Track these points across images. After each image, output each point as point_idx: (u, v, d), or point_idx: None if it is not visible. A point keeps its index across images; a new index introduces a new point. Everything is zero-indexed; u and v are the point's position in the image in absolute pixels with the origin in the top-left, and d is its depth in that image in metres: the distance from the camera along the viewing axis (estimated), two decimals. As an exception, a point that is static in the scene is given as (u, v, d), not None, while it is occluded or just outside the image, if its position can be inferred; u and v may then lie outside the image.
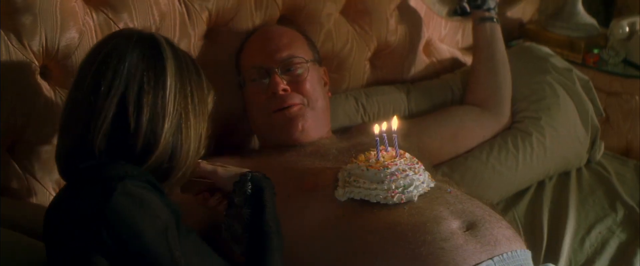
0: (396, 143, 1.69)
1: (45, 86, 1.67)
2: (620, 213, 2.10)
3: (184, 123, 1.43)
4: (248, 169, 1.53)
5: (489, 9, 2.20)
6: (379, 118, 2.15)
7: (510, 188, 2.15)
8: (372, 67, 2.21)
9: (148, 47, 1.42)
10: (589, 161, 2.30)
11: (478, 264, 1.53)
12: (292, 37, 1.91)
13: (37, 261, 1.42)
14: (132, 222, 1.31)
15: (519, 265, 1.59)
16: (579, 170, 2.27)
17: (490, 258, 1.55)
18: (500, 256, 1.57)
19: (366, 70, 2.19)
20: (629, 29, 2.42)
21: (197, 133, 1.45)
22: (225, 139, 1.96)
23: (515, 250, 1.60)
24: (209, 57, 1.87)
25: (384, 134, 1.69)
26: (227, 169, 1.56)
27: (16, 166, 1.67)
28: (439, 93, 2.23)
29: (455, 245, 1.55)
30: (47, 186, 1.69)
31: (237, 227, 1.50)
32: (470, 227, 1.61)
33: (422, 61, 2.30)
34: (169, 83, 1.41)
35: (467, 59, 2.39)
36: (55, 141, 1.66)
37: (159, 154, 1.40)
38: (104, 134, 1.36)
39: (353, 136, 1.97)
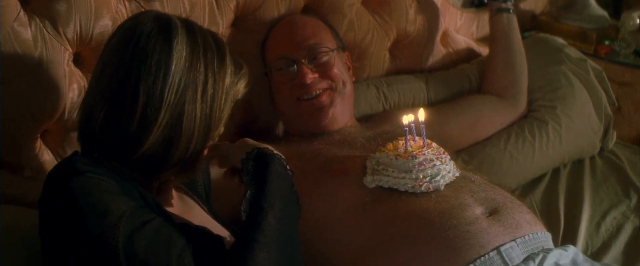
0: (423, 133, 1.74)
1: (77, 73, 1.70)
2: (634, 199, 2.16)
3: (186, 112, 1.38)
4: (256, 146, 1.48)
5: (505, 0, 2.24)
6: (399, 106, 2.20)
7: (526, 175, 2.20)
8: (391, 57, 2.25)
9: (158, 30, 1.37)
10: (601, 150, 2.35)
11: (502, 245, 1.59)
12: (316, 26, 1.95)
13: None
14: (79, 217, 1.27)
15: (541, 246, 1.65)
16: (592, 158, 2.33)
17: (513, 240, 1.61)
18: (523, 238, 1.63)
19: (386, 59, 2.23)
20: (639, 21, 2.48)
21: (204, 121, 1.40)
22: (249, 127, 2.00)
23: (536, 232, 1.67)
24: (236, 46, 1.90)
25: (412, 124, 1.73)
26: (233, 145, 1.52)
27: (49, 152, 1.71)
28: (456, 82, 2.28)
29: (479, 229, 1.61)
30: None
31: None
32: (493, 212, 1.67)
33: (439, 51, 2.34)
34: (172, 70, 1.36)
35: (482, 50, 2.44)
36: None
37: (152, 142, 1.36)
38: (103, 117, 1.35)
39: (377, 124, 2.02)
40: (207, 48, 1.42)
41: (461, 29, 2.45)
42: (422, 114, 1.75)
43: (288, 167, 1.45)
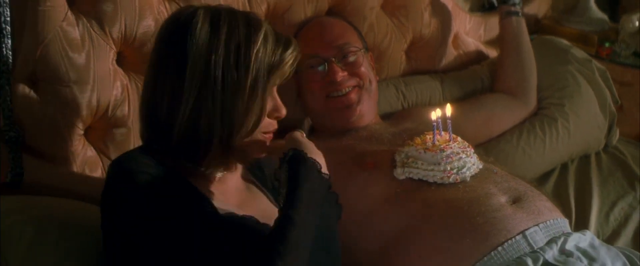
0: (450, 128, 1.84)
1: (120, 72, 1.78)
2: (639, 191, 2.27)
3: (204, 103, 1.39)
4: (296, 145, 1.48)
5: (514, 4, 2.35)
6: (417, 105, 2.30)
7: (537, 169, 2.30)
8: (407, 58, 2.34)
9: (180, 23, 1.41)
10: (606, 146, 2.46)
11: (526, 230, 1.71)
12: (344, 27, 2.05)
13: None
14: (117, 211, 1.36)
15: (561, 231, 1.76)
16: (597, 154, 2.44)
17: (536, 225, 1.73)
18: (545, 223, 1.74)
19: (402, 61, 2.33)
20: (639, 23, 2.59)
21: (222, 104, 1.40)
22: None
23: (556, 218, 1.78)
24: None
25: (439, 120, 1.83)
26: (280, 141, 1.53)
27: (92, 148, 1.78)
28: (469, 82, 2.38)
29: (505, 215, 1.72)
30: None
31: None
32: (516, 201, 1.78)
33: (451, 53, 2.44)
34: (189, 63, 1.38)
35: (490, 52, 2.54)
36: (128, 122, 1.78)
37: (178, 133, 1.40)
38: (143, 114, 1.44)
39: (398, 121, 2.11)
40: (231, 32, 1.42)
41: (470, 32, 2.55)
42: (449, 110, 1.87)
43: (323, 171, 1.46)
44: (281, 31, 2.02)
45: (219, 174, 1.52)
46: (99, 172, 1.78)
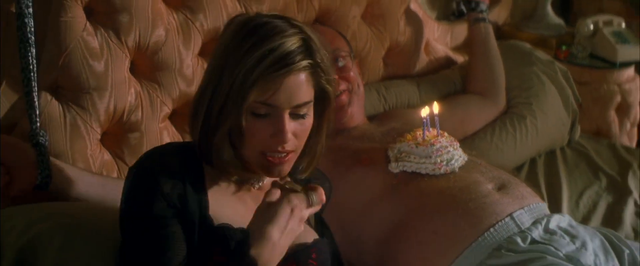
0: (437, 124, 2.01)
1: (133, 79, 1.89)
2: (604, 181, 2.46)
3: (201, 92, 1.45)
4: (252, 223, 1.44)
5: (482, 11, 2.54)
6: (397, 107, 2.46)
7: (510, 163, 2.47)
8: (385, 65, 2.50)
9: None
10: (569, 141, 2.65)
11: (513, 212, 1.89)
12: (334, 34, 2.20)
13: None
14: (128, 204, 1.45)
15: (543, 213, 1.94)
16: (562, 149, 2.63)
17: (522, 208, 1.91)
18: (529, 206, 1.93)
19: (381, 67, 2.49)
20: (593, 27, 2.80)
21: (218, 105, 1.42)
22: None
23: (538, 202, 1.97)
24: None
25: (428, 117, 2.00)
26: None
27: (108, 152, 1.89)
28: (443, 85, 2.55)
29: (493, 200, 1.90)
30: (135, 170, 1.90)
31: None
32: (501, 187, 1.96)
33: (423, 59, 2.60)
34: (214, 56, 1.45)
35: (457, 57, 2.72)
36: (142, 127, 1.89)
37: (195, 128, 1.46)
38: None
39: (384, 122, 2.26)
40: (245, 38, 1.43)
41: (438, 39, 2.73)
42: (436, 107, 2.03)
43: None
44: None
45: (257, 186, 1.55)
46: (115, 175, 1.88)
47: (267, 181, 1.57)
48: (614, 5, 3.09)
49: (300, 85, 1.44)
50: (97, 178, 1.79)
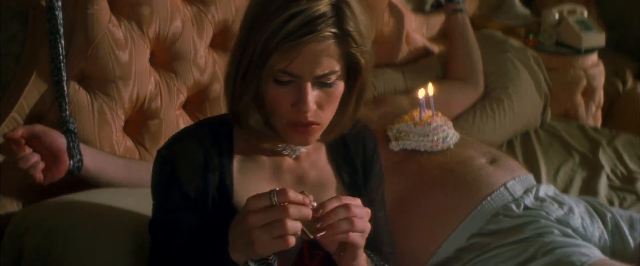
0: (432, 105, 2.17)
1: (151, 69, 1.99)
2: (577, 158, 2.65)
3: (231, 60, 1.42)
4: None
5: (458, 2, 2.71)
6: (385, 93, 2.61)
7: (490, 143, 2.65)
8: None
9: None
10: (542, 123, 2.84)
11: (506, 183, 2.06)
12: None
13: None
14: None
15: (531, 184, 2.12)
16: (535, 130, 2.82)
17: (513, 179, 2.09)
18: (519, 177, 2.11)
19: (369, 56, 2.64)
20: (559, 16, 3.00)
21: (235, 71, 1.39)
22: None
23: (526, 174, 2.15)
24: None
25: (424, 99, 2.16)
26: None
27: (130, 139, 1.99)
28: (425, 73, 2.71)
29: (488, 173, 2.08)
30: (153, 153, 2.00)
31: None
32: (493, 161, 2.13)
33: (404, 49, 2.76)
34: (242, 23, 1.42)
35: (433, 47, 2.88)
36: (161, 114, 2.00)
37: (227, 93, 1.44)
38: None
39: (377, 106, 2.41)
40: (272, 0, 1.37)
41: (415, 30, 2.89)
42: (431, 89, 2.19)
43: None
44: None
45: (289, 152, 1.52)
46: (136, 160, 1.99)
47: (305, 150, 1.55)
48: (575, -5, 3.30)
49: (323, 54, 1.36)
50: (123, 161, 1.89)
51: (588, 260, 1.92)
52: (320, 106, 1.43)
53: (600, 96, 3.03)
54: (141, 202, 1.69)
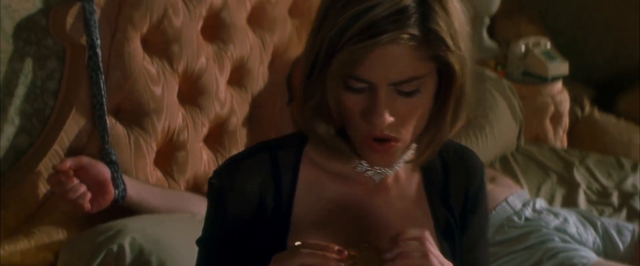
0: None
1: (178, 104, 2.12)
2: (554, 177, 2.86)
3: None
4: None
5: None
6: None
7: (475, 168, 2.85)
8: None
9: None
10: (517, 147, 3.06)
11: (506, 198, 2.28)
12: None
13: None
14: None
15: (527, 198, 2.32)
16: (512, 154, 3.02)
17: (512, 194, 2.31)
18: (516, 193, 2.33)
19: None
20: (525, 48, 3.24)
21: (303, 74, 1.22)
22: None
23: (521, 190, 2.37)
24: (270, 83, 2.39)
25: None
26: None
27: (160, 171, 2.11)
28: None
29: (490, 189, 2.28)
30: (180, 184, 2.13)
31: None
32: (492, 180, 2.33)
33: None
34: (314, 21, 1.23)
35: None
36: (187, 146, 2.13)
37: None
38: None
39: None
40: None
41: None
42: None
43: None
44: (280, 70, 2.46)
45: (372, 174, 1.29)
46: (164, 191, 2.10)
47: (393, 173, 1.29)
48: (531, 28, 3.56)
49: (398, 58, 1.17)
50: (159, 190, 2.01)
51: (588, 262, 2.12)
52: (399, 118, 1.21)
53: (566, 120, 3.26)
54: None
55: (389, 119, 1.20)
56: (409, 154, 1.29)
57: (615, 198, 2.78)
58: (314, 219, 1.29)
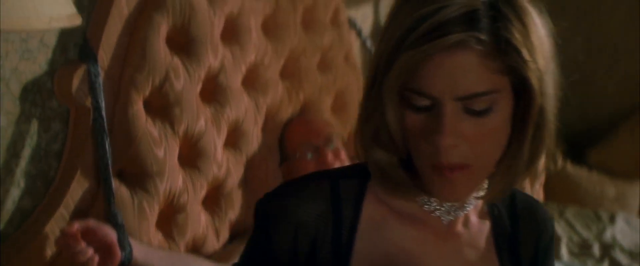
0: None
1: (179, 166, 2.13)
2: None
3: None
4: None
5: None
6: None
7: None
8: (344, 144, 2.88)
9: None
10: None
11: None
12: (325, 122, 2.56)
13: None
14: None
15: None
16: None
17: None
18: None
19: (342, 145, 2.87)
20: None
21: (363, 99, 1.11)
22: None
23: None
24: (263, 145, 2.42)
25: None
26: None
27: (161, 233, 2.10)
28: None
29: None
30: (180, 246, 2.13)
31: None
32: None
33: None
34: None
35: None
36: (187, 208, 2.14)
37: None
38: None
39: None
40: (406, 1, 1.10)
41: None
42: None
43: None
44: (273, 129, 2.50)
45: (440, 214, 1.16)
46: (164, 252, 2.10)
47: (463, 216, 1.16)
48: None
49: (466, 67, 1.04)
50: (164, 252, 2.01)
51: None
52: (469, 143, 1.07)
53: (542, 176, 3.35)
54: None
55: (456, 140, 1.07)
56: (480, 193, 1.15)
57: (596, 250, 2.86)
58: (376, 262, 1.16)
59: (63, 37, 1.93)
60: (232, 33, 2.30)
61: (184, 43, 2.13)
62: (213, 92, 2.23)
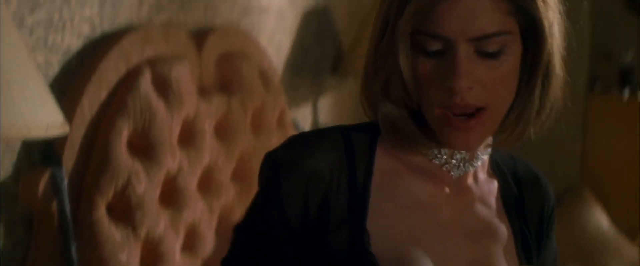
0: None
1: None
2: None
3: None
4: None
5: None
6: None
7: None
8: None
9: None
10: None
11: None
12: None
13: None
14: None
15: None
16: None
17: None
18: None
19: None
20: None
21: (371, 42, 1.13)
22: None
23: None
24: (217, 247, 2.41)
25: None
26: None
27: None
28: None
29: None
30: None
31: None
32: None
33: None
34: None
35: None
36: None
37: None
38: None
39: None
40: None
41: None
42: None
43: None
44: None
45: (450, 168, 1.15)
46: None
47: (472, 172, 1.16)
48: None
49: (477, 7, 1.06)
50: None
51: None
52: (483, 84, 1.09)
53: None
54: None
55: (471, 83, 1.08)
56: (488, 150, 1.16)
57: None
58: (390, 213, 1.14)
59: (28, 141, 1.91)
60: (188, 136, 2.32)
61: (144, 147, 2.13)
62: (171, 195, 2.22)
